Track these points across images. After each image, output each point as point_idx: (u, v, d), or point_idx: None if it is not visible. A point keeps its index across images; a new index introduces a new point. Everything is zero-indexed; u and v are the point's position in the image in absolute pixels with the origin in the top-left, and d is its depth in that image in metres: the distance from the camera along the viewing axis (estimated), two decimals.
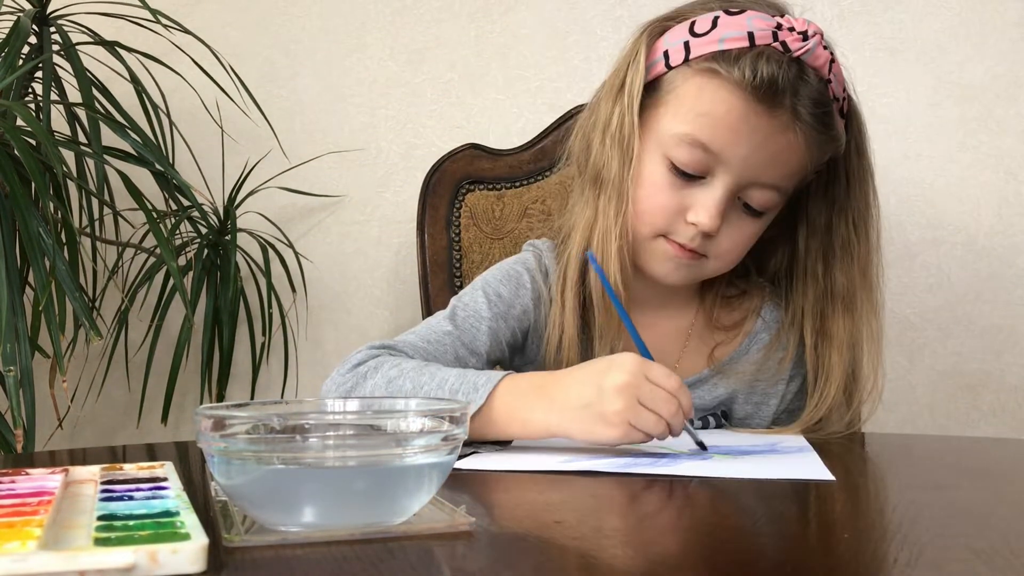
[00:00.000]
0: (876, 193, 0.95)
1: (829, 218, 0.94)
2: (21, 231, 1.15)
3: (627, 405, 0.72)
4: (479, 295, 0.95)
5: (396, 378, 0.80)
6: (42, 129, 1.14)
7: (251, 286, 1.48)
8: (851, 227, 0.93)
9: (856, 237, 0.93)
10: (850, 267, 0.93)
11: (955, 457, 0.82)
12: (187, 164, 1.46)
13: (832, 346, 0.93)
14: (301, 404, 0.61)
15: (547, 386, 0.77)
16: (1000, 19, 1.42)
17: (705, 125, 0.85)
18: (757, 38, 0.83)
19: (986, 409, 1.43)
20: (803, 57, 0.83)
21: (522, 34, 1.50)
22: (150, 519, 0.46)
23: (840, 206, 0.93)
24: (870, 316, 0.93)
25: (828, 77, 0.85)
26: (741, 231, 0.90)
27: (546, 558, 0.45)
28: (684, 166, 0.86)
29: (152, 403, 1.44)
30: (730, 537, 0.50)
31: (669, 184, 0.88)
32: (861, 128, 0.93)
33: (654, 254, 0.91)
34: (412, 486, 0.48)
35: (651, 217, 0.89)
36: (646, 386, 0.72)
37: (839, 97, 0.87)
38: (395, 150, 1.52)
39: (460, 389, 0.77)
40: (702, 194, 0.87)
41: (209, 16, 1.52)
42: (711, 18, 0.86)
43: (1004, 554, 0.45)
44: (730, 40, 0.84)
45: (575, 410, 0.74)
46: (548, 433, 0.76)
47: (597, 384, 0.73)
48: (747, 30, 0.83)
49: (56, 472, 0.57)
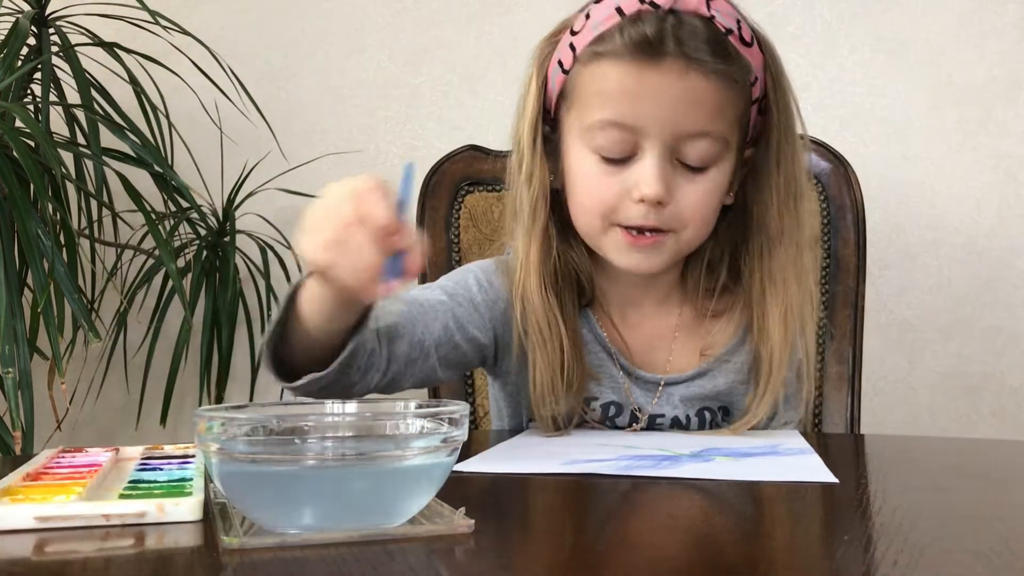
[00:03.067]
0: (799, 125, 0.92)
1: (755, 154, 0.92)
2: (20, 233, 1.14)
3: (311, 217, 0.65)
4: (470, 277, 0.95)
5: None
6: (41, 130, 1.14)
7: (250, 288, 1.48)
8: (772, 158, 0.90)
9: (777, 168, 0.90)
10: (771, 200, 0.90)
11: (956, 459, 0.82)
12: (186, 166, 1.46)
13: (767, 291, 0.91)
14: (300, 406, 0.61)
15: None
16: (999, 21, 1.42)
17: (607, 103, 0.85)
18: (625, 8, 0.84)
19: (987, 411, 1.43)
20: (676, 8, 0.83)
21: (521, 36, 1.50)
22: (169, 483, 0.58)
23: (764, 140, 0.91)
24: (797, 257, 0.91)
25: (710, 14, 0.84)
26: (693, 192, 0.88)
27: (546, 561, 0.45)
28: (609, 152, 0.87)
29: (151, 405, 1.44)
30: (731, 539, 0.50)
31: (603, 172, 0.88)
32: (774, 57, 0.90)
33: (615, 247, 0.90)
34: (411, 488, 0.48)
35: (595, 207, 0.89)
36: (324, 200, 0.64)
37: (731, 28, 0.85)
38: (394, 151, 1.52)
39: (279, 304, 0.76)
40: (638, 169, 0.86)
41: (208, 17, 1.52)
42: (584, 13, 0.88)
43: (1005, 556, 0.44)
44: (602, 22, 0.85)
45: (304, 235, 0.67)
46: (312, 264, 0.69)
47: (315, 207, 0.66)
48: (615, 6, 0.85)
49: (109, 451, 0.70)
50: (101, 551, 0.46)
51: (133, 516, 0.50)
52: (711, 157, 0.87)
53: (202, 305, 1.42)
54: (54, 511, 0.50)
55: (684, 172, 0.88)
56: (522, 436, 0.88)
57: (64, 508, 0.50)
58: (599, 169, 0.88)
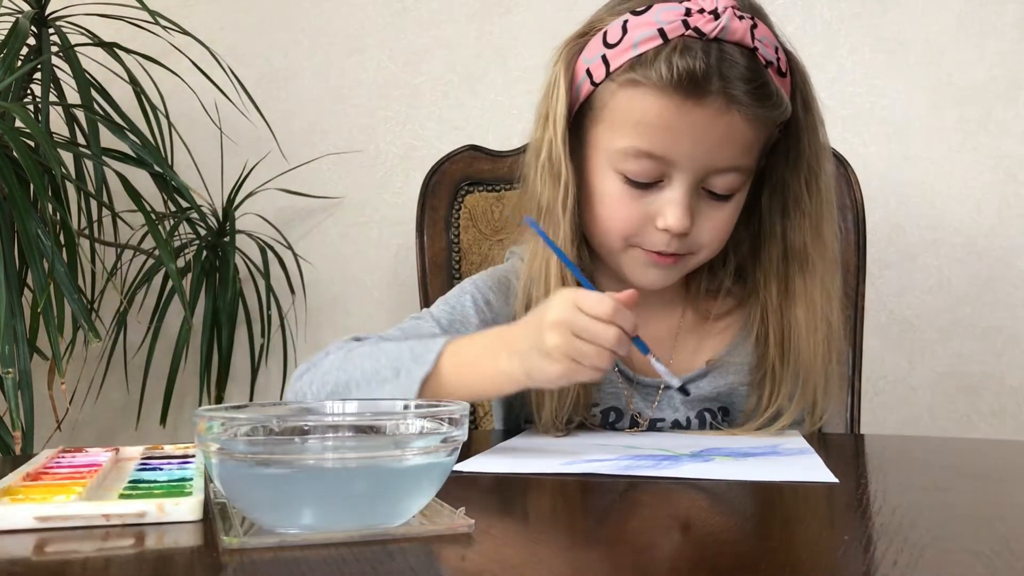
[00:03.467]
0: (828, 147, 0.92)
1: (783, 174, 0.91)
2: (20, 233, 1.14)
3: (564, 339, 0.73)
4: (467, 300, 0.94)
5: (347, 359, 0.82)
6: (41, 130, 1.14)
7: (250, 288, 1.48)
8: (802, 182, 0.90)
9: (807, 192, 0.90)
10: (802, 224, 0.91)
11: (955, 459, 0.82)
12: (186, 166, 1.46)
13: (795, 303, 0.91)
14: (300, 406, 0.61)
15: (502, 335, 0.80)
16: (999, 20, 1.42)
17: (643, 134, 0.84)
18: (668, 32, 0.81)
19: (986, 411, 1.43)
20: (720, 36, 0.81)
21: (521, 36, 1.50)
22: (169, 483, 0.58)
23: (792, 162, 0.91)
24: (824, 276, 0.91)
25: (753, 45, 0.82)
26: (716, 218, 0.88)
27: (546, 561, 0.45)
28: (637, 176, 0.86)
29: (151, 405, 1.44)
30: (730, 539, 0.50)
31: (628, 195, 0.87)
32: (806, 80, 0.90)
33: (634, 264, 0.90)
34: (411, 488, 0.48)
35: (619, 231, 0.88)
36: (580, 318, 0.73)
37: (771, 60, 0.84)
38: (394, 151, 1.52)
39: (403, 361, 0.79)
40: (664, 198, 0.86)
41: (208, 17, 1.52)
42: (621, 24, 0.84)
43: (1005, 556, 0.44)
44: (643, 43, 0.82)
45: (524, 352, 0.76)
46: (513, 382, 0.78)
47: (536, 324, 0.75)
48: (656, 27, 0.82)
49: (109, 451, 0.70)
50: (101, 551, 0.46)
51: (133, 516, 0.51)
52: (736, 187, 0.88)
53: (202, 305, 1.42)
54: (54, 511, 0.50)
55: (708, 199, 0.88)
56: (522, 436, 0.88)
57: (64, 508, 0.50)
58: (624, 192, 0.87)
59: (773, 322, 0.92)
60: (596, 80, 0.86)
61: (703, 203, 0.87)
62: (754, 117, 0.83)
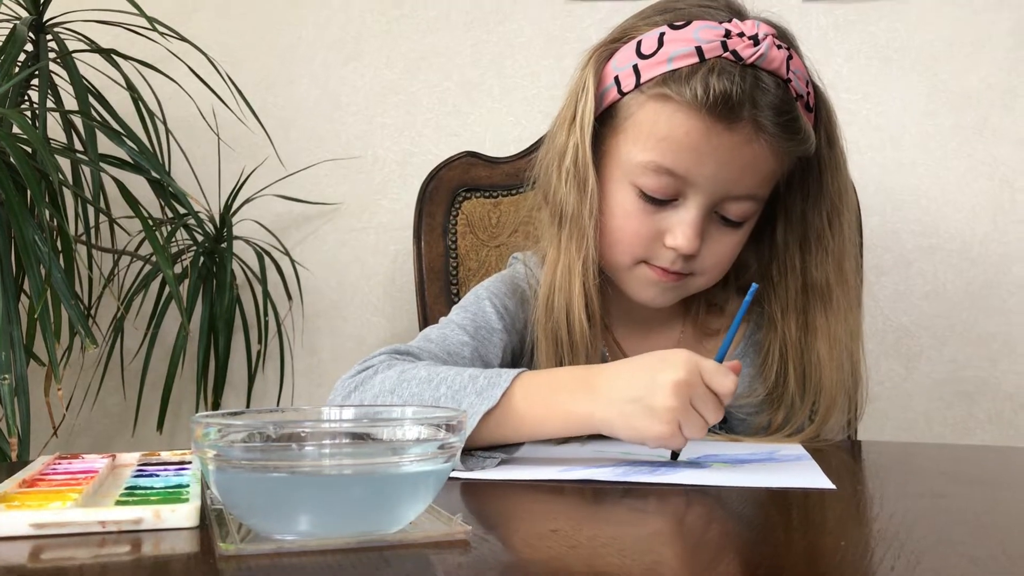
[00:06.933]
0: (850, 183, 0.93)
1: (804, 210, 0.91)
2: (17, 239, 1.14)
3: (680, 404, 0.69)
4: (487, 306, 0.93)
5: (401, 381, 0.77)
6: (38, 137, 1.14)
7: (247, 294, 1.48)
8: (824, 219, 0.90)
9: (830, 230, 0.90)
10: (824, 261, 0.90)
11: (952, 465, 0.82)
12: (183, 172, 1.46)
13: (818, 338, 0.90)
14: (297, 412, 0.61)
15: (586, 377, 0.74)
16: (994, 28, 1.42)
17: (667, 150, 0.83)
18: (706, 51, 0.80)
19: (983, 416, 1.43)
20: (757, 62, 0.80)
21: (518, 43, 1.50)
22: (166, 490, 0.58)
23: (814, 198, 0.91)
24: (847, 312, 0.91)
25: (787, 77, 0.82)
26: (723, 244, 0.88)
27: (543, 567, 0.45)
28: (653, 192, 0.85)
29: (148, 411, 1.44)
30: (728, 546, 0.50)
31: (641, 211, 0.86)
32: (831, 117, 0.90)
33: (637, 281, 0.90)
34: (408, 494, 0.48)
35: (628, 246, 0.88)
36: (701, 387, 0.70)
37: (802, 94, 0.84)
38: (392, 158, 1.52)
39: (465, 394, 0.74)
40: (676, 217, 0.85)
41: (206, 24, 1.52)
42: (657, 36, 0.83)
43: (1001, 561, 0.45)
44: (679, 58, 0.81)
45: (623, 403, 0.71)
46: (588, 426, 0.73)
47: (650, 377, 0.70)
48: (695, 44, 0.81)
49: (105, 457, 0.69)
50: (97, 558, 0.46)
51: (129, 522, 0.51)
52: (748, 215, 0.88)
53: (199, 311, 1.42)
54: (50, 518, 0.50)
55: (718, 224, 0.87)
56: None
57: (60, 515, 0.51)
58: (638, 207, 0.86)
59: (793, 356, 0.91)
60: (624, 89, 0.85)
61: (713, 227, 0.87)
62: (779, 149, 0.83)
